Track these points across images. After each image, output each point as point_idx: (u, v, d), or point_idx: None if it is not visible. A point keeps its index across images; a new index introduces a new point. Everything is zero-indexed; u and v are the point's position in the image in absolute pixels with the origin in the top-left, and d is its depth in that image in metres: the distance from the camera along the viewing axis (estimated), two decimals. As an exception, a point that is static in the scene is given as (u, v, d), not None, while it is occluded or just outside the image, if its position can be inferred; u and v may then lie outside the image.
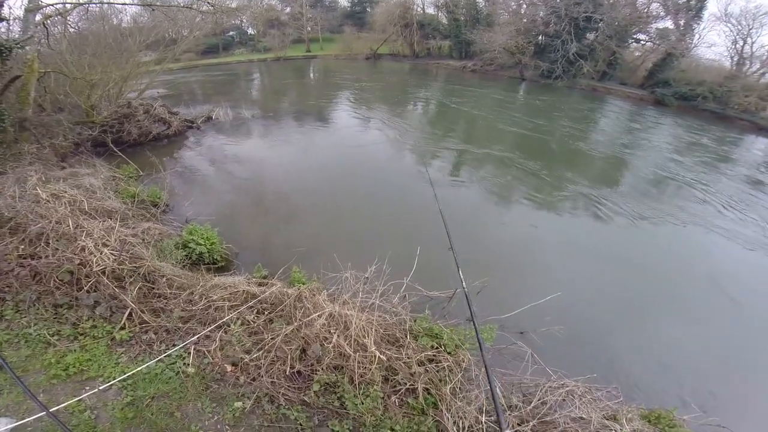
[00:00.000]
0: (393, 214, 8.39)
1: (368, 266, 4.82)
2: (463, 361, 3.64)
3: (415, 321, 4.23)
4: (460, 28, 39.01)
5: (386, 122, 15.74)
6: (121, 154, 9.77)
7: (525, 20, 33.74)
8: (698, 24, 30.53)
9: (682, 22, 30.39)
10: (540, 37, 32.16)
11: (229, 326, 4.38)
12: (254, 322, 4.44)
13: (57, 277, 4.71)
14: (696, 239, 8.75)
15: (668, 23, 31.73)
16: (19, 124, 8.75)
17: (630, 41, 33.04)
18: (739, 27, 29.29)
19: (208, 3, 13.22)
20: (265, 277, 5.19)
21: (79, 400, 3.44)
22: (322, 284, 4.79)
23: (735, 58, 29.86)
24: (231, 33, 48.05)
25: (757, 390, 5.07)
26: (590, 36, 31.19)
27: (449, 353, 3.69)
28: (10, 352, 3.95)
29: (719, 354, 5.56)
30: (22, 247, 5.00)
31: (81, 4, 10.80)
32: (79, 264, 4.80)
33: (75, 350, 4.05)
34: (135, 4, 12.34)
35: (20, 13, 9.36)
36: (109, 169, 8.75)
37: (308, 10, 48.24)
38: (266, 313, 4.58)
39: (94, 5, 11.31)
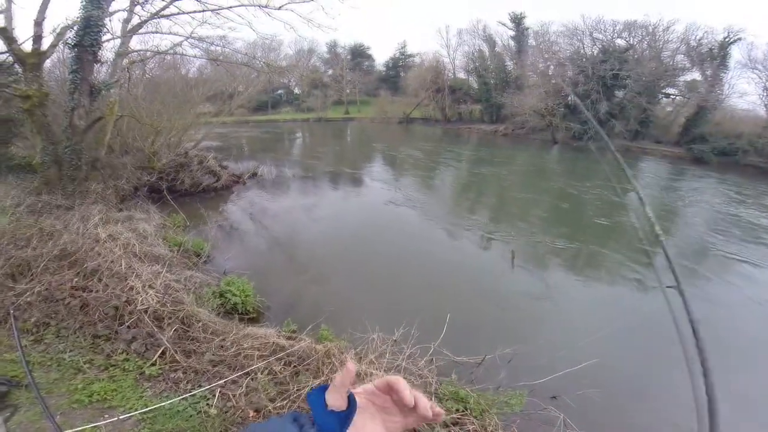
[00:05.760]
0: (421, 280, 8.29)
1: (396, 329, 4.76)
2: (490, 425, 3.41)
3: (441, 384, 4.05)
4: (490, 92, 39.78)
5: (417, 190, 15.96)
6: (173, 203, 10.40)
7: (554, 81, 33.71)
8: (725, 73, 29.25)
9: (708, 72, 29.29)
10: (569, 98, 31.80)
11: (256, 374, 4.36)
12: (281, 373, 4.38)
13: (102, 311, 4.98)
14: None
15: (696, 75, 31.00)
16: (91, 163, 9.63)
17: (660, 96, 32.35)
18: (767, 72, 27.71)
19: (263, 62, 14.82)
20: (294, 332, 5.23)
21: (95, 427, 3.39)
22: (350, 343, 4.73)
23: (769, 106, 27.58)
24: (280, 91, 52.97)
25: None
26: (619, 94, 30.85)
27: (475, 417, 3.49)
28: (40, 374, 4.03)
29: None
30: (77, 279, 5.40)
31: (162, 53, 12.05)
32: (125, 301, 5.08)
33: (103, 379, 4.12)
34: (204, 58, 13.76)
35: (111, 56, 10.30)
36: (161, 216, 9.36)
37: (348, 72, 52.51)
38: (293, 365, 4.51)
39: (169, 54, 12.46)
